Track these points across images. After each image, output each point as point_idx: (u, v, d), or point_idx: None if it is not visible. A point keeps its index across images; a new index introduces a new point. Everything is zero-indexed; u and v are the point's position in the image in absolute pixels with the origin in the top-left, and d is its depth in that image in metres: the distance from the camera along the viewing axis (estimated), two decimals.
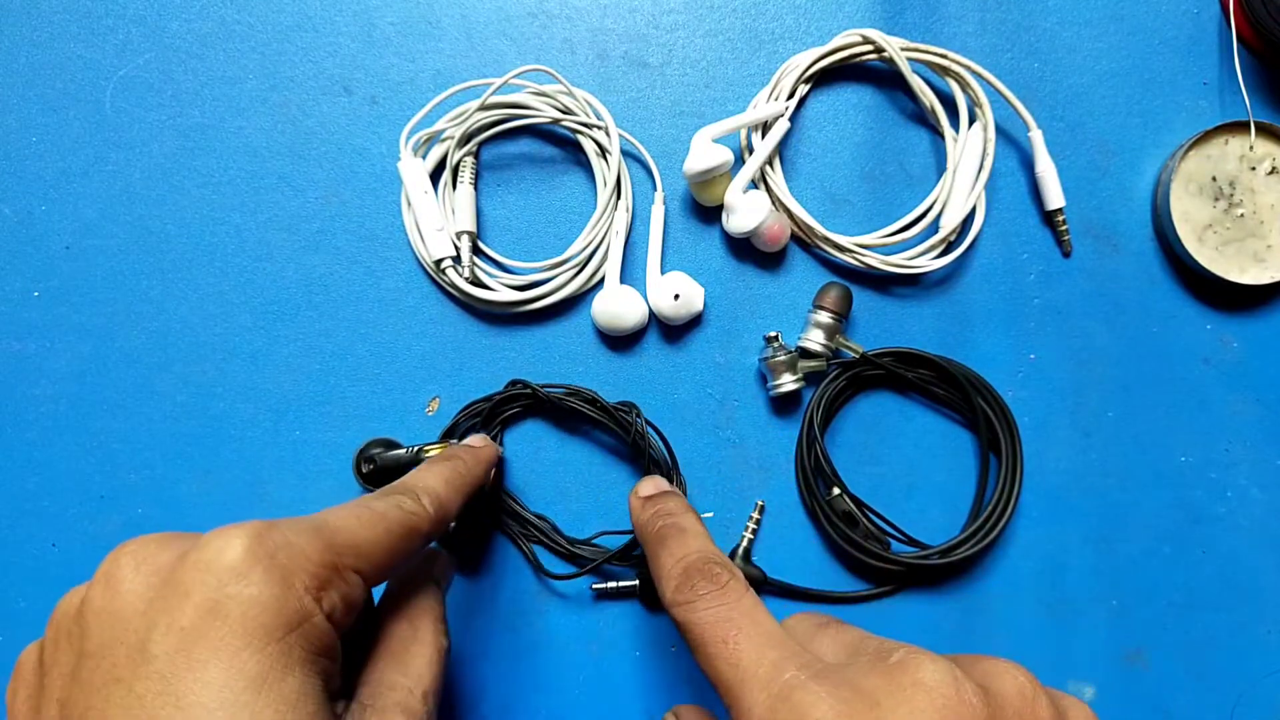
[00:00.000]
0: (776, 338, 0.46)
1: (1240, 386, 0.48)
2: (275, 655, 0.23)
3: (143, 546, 0.25)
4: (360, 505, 0.29)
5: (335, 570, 0.26)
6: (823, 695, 0.25)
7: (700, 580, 0.30)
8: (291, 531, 0.26)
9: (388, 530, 0.29)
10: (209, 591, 0.23)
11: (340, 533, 0.27)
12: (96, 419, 0.48)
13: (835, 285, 0.46)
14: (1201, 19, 0.49)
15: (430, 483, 0.33)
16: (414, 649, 0.30)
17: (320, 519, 0.27)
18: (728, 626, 0.28)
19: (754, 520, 0.46)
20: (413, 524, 0.30)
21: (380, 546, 0.28)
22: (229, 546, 0.24)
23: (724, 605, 0.29)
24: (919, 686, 0.24)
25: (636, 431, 0.43)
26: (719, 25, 0.49)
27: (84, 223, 0.49)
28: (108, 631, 0.23)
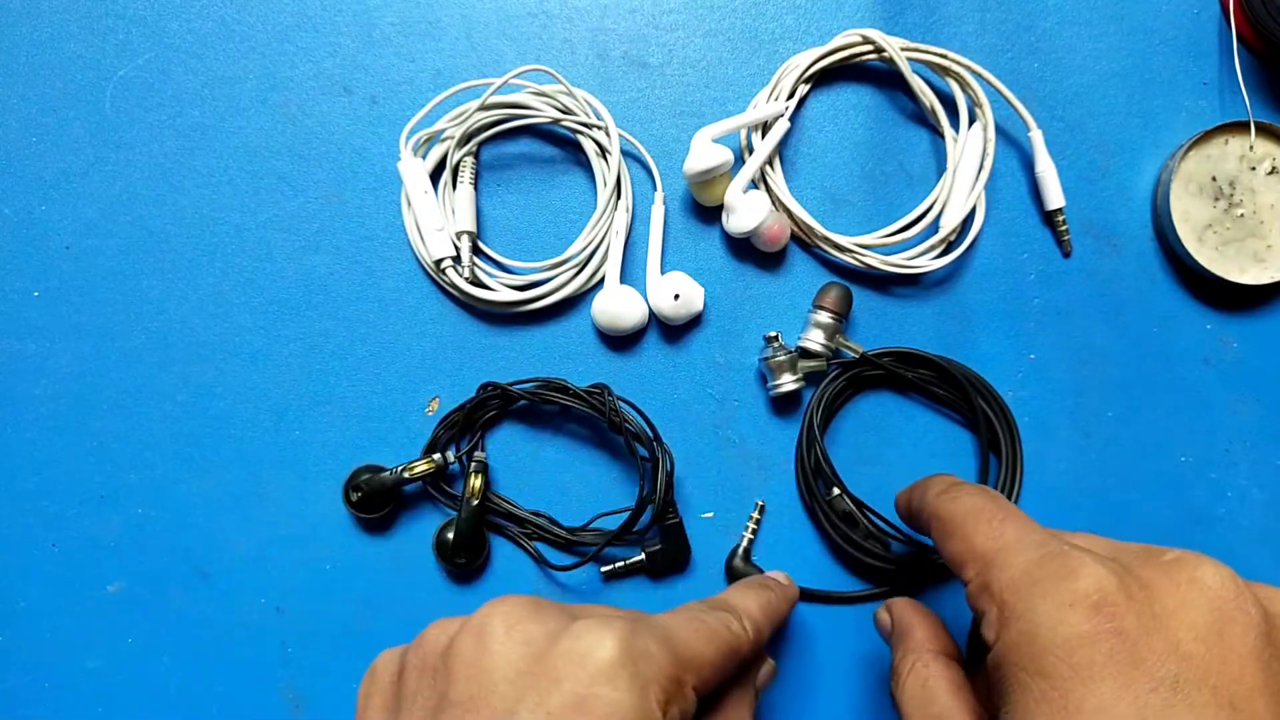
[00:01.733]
0: (776, 338, 0.46)
1: (1240, 386, 0.48)
2: None
3: (517, 609, 0.26)
4: (696, 619, 0.30)
5: (679, 685, 0.26)
6: (1092, 562, 0.25)
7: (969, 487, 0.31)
8: (650, 640, 0.26)
9: (719, 649, 0.29)
10: (579, 686, 0.24)
11: (684, 646, 0.28)
12: (96, 419, 0.48)
13: (835, 285, 0.46)
14: (1201, 19, 0.49)
15: (750, 608, 0.34)
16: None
17: (666, 627, 0.28)
18: (994, 510, 0.29)
19: (754, 520, 0.46)
20: (737, 645, 0.31)
21: (713, 665, 0.29)
22: (602, 646, 0.25)
23: (993, 499, 0.30)
24: (1196, 583, 0.24)
25: (610, 410, 0.43)
26: (719, 25, 0.49)
27: (84, 223, 0.49)
28: (475, 688, 0.25)
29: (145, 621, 0.47)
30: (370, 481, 0.45)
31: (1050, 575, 0.25)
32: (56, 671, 0.47)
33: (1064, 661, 0.24)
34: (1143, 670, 0.23)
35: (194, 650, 0.47)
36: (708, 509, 0.47)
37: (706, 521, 0.47)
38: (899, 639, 0.34)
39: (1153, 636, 0.23)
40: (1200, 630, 0.23)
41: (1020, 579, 0.26)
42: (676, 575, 0.46)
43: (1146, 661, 0.23)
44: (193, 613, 0.47)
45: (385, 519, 0.47)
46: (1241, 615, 0.24)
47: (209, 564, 0.47)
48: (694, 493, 0.47)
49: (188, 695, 0.46)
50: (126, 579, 0.47)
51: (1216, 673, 0.23)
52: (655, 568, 0.45)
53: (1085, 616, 0.24)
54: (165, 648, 0.47)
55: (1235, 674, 0.23)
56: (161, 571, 0.47)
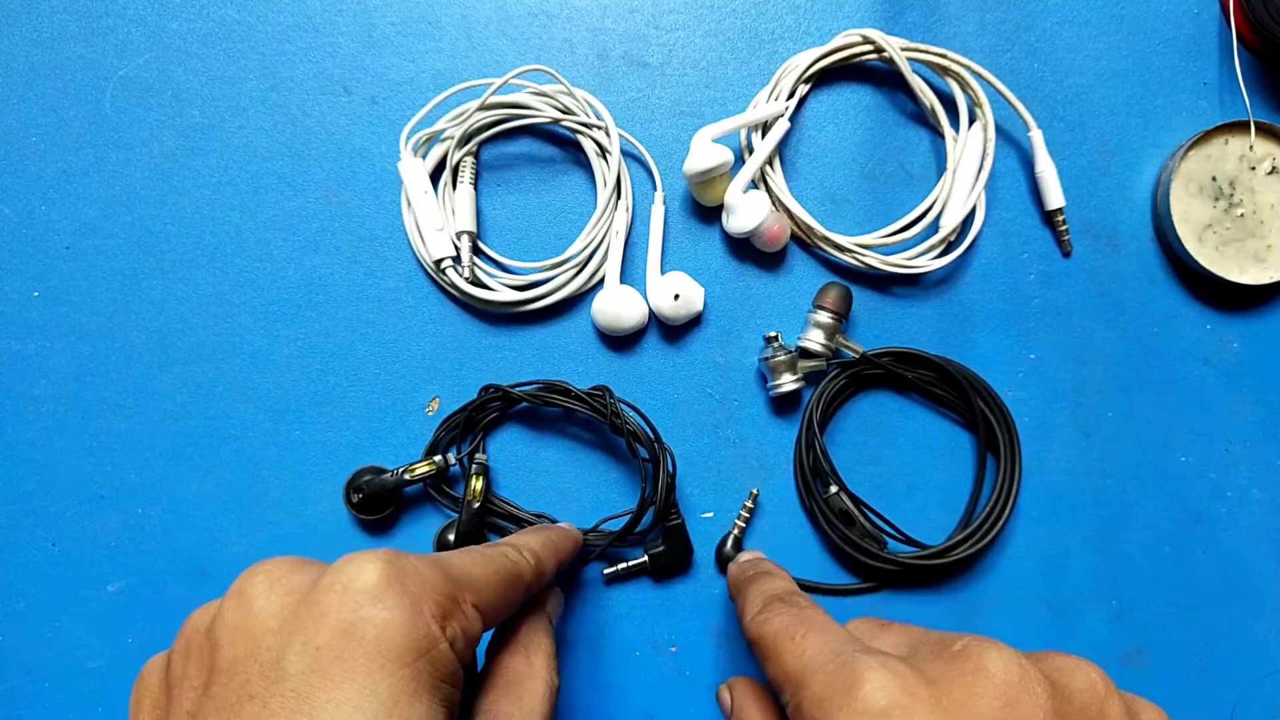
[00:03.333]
0: (776, 338, 0.46)
1: (1240, 386, 0.48)
2: (406, 679, 0.23)
3: (276, 567, 0.26)
4: (471, 550, 0.31)
5: (456, 602, 0.26)
6: (877, 666, 0.25)
7: (779, 604, 0.32)
8: (418, 562, 0.26)
9: (496, 572, 0.30)
10: (345, 613, 0.23)
11: (457, 568, 0.28)
12: (96, 419, 0.48)
13: (835, 285, 0.46)
14: (1201, 19, 0.49)
15: (530, 542, 0.35)
16: (528, 683, 0.31)
17: (437, 556, 0.28)
18: (797, 627, 0.30)
19: (746, 509, 0.46)
20: (517, 571, 0.32)
21: (492, 587, 0.29)
22: (364, 571, 0.25)
23: (797, 614, 0.31)
24: (981, 672, 0.24)
25: (612, 412, 0.43)
26: (719, 25, 0.49)
27: (84, 223, 0.49)
28: (241, 648, 0.24)
29: (145, 621, 0.47)
30: (371, 483, 0.45)
31: (840, 688, 0.25)
32: (56, 671, 0.47)
33: None
34: None
35: None
36: (708, 509, 0.47)
37: (707, 521, 0.47)
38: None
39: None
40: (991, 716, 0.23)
41: (819, 696, 0.26)
42: (679, 576, 0.46)
43: None
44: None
45: (386, 520, 0.47)
46: (1029, 698, 0.24)
47: (209, 564, 0.47)
48: (694, 493, 0.47)
49: None
50: (126, 579, 0.47)
51: None
52: (658, 569, 0.45)
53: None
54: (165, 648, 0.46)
55: None
56: (161, 571, 0.47)
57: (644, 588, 0.46)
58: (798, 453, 0.46)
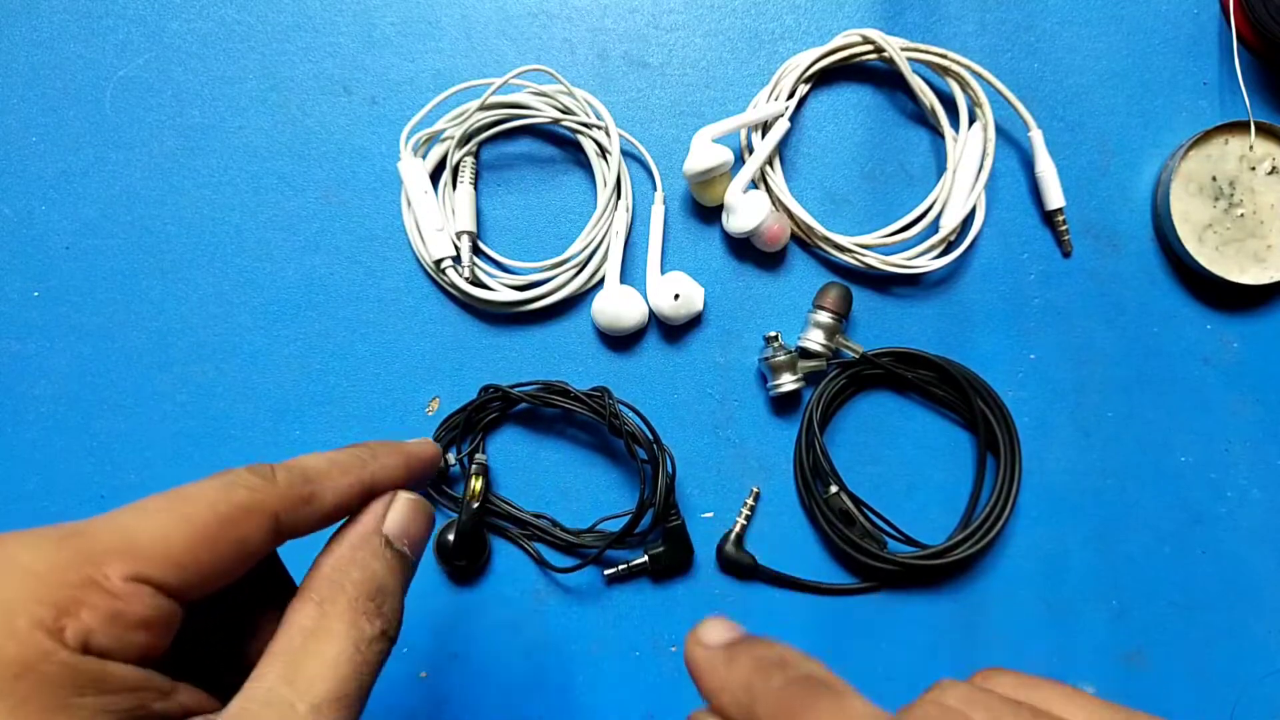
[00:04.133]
0: (776, 338, 0.46)
1: (1240, 386, 0.48)
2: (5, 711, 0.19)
3: None
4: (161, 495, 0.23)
5: (90, 586, 0.20)
6: None
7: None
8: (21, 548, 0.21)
9: (190, 517, 0.22)
10: None
11: (105, 536, 0.22)
12: (96, 419, 0.48)
13: (835, 285, 0.46)
14: (1201, 19, 0.49)
15: (302, 459, 0.26)
16: (313, 644, 0.23)
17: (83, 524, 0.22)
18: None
19: (748, 506, 0.46)
20: (238, 499, 0.23)
21: (178, 540, 0.22)
22: None
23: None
24: None
25: (611, 413, 0.43)
26: (719, 25, 0.49)
27: (84, 223, 0.49)
28: None
29: None
30: None
31: None
32: None
33: None
34: None
35: None
36: (708, 509, 0.47)
37: (707, 521, 0.47)
38: None
39: None
40: None
41: None
42: (679, 576, 0.46)
43: None
44: None
45: None
46: None
47: None
48: (694, 493, 0.47)
49: None
50: None
51: None
52: (658, 569, 0.45)
53: None
54: None
55: None
56: None
57: (644, 588, 0.46)
58: (798, 453, 0.46)
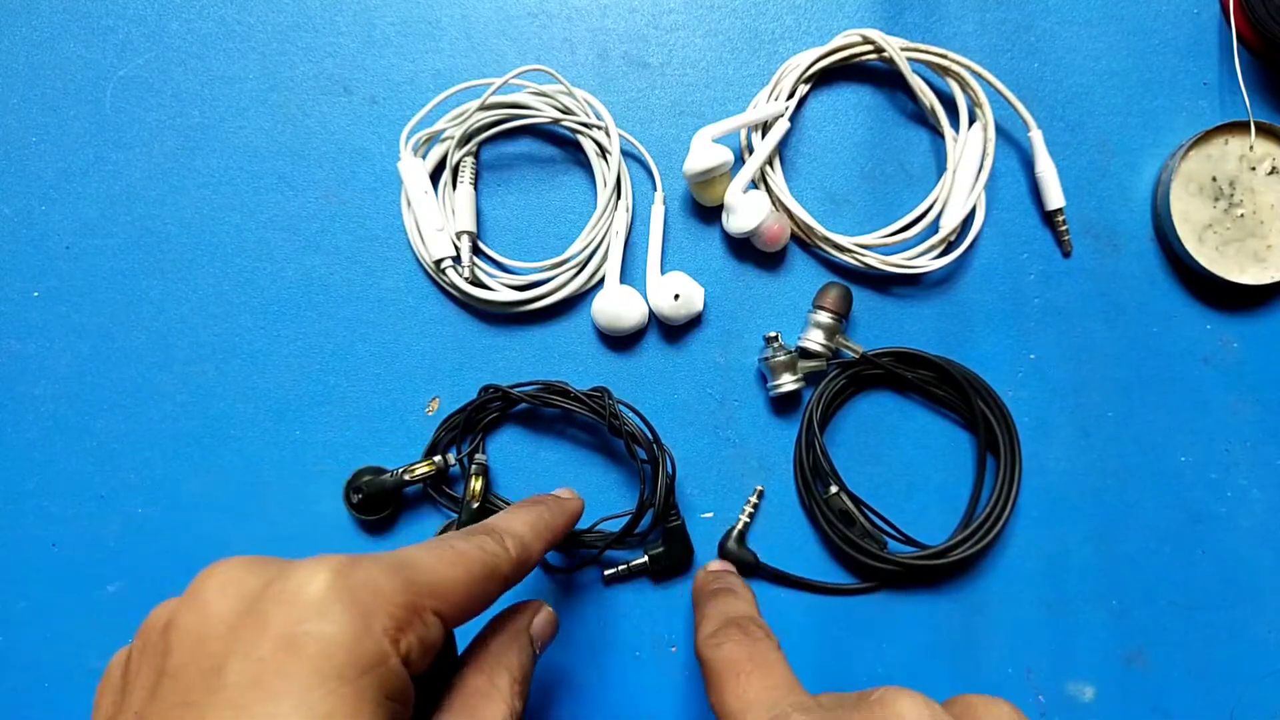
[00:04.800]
0: (776, 338, 0.46)
1: (1240, 386, 0.48)
2: (346, 696, 0.22)
3: (232, 568, 0.25)
4: (442, 544, 0.29)
5: (415, 611, 0.25)
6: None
7: (734, 629, 0.32)
8: (374, 569, 0.25)
9: (468, 571, 0.28)
10: (288, 625, 0.23)
11: (422, 572, 0.26)
12: (96, 419, 0.48)
13: (835, 285, 0.46)
14: (1201, 19, 0.49)
15: (514, 526, 0.33)
16: (485, 705, 0.29)
17: (402, 556, 0.27)
18: (745, 663, 0.30)
19: (751, 504, 0.46)
20: (494, 565, 0.29)
21: (460, 587, 0.27)
22: (312, 580, 0.24)
23: (747, 646, 0.31)
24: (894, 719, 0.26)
25: (610, 414, 0.43)
26: (719, 25, 0.49)
27: (84, 223, 0.49)
28: (188, 652, 0.23)
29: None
30: (371, 483, 0.45)
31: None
32: (56, 671, 0.47)
33: None
34: None
35: None
36: (708, 509, 0.47)
37: (707, 522, 0.47)
38: None
39: None
40: None
41: None
42: (679, 577, 0.46)
43: None
44: None
45: (386, 520, 0.47)
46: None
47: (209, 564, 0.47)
48: (694, 493, 0.47)
49: None
50: (126, 579, 0.47)
51: None
52: (658, 570, 0.45)
53: None
54: None
55: None
56: (161, 571, 0.47)
57: (644, 588, 0.46)
58: (798, 453, 0.47)
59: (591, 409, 0.44)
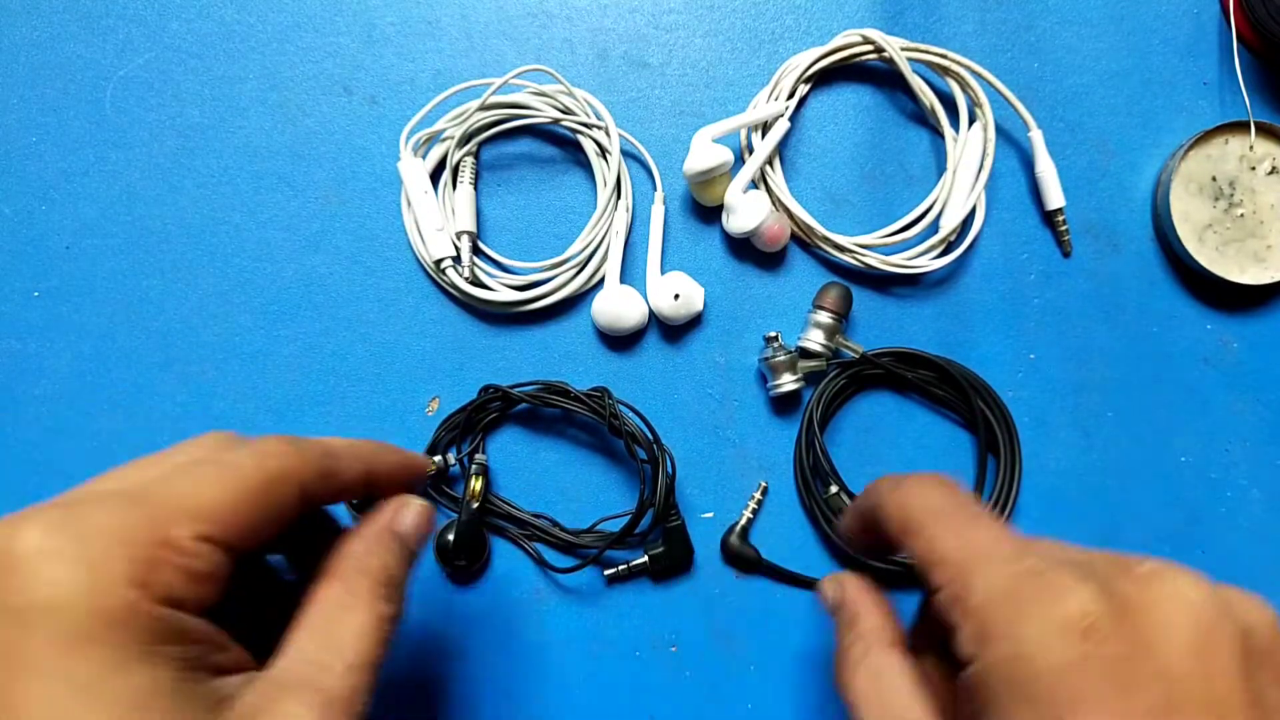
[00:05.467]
0: (776, 338, 0.46)
1: (1240, 386, 0.48)
2: (101, 657, 0.21)
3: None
4: (205, 461, 0.26)
5: (164, 545, 0.22)
6: (1076, 583, 0.24)
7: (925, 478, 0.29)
8: (99, 512, 0.23)
9: (238, 484, 0.25)
10: (14, 598, 0.21)
11: (170, 500, 0.24)
12: (96, 419, 0.48)
13: (835, 285, 0.46)
14: (1201, 19, 0.49)
15: (325, 440, 0.29)
16: (342, 617, 0.26)
17: (146, 489, 0.24)
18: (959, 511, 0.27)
19: (755, 500, 0.46)
20: (277, 471, 0.26)
21: (229, 504, 0.24)
22: (20, 538, 0.21)
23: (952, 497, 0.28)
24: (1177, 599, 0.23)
25: (610, 413, 0.43)
26: (719, 25, 0.49)
27: (84, 223, 0.49)
28: None
29: None
30: None
31: (1034, 596, 0.24)
32: None
33: (1053, 689, 0.23)
34: (1135, 697, 0.22)
35: None
36: (708, 509, 0.47)
37: (707, 522, 0.47)
38: (847, 623, 0.31)
39: (1142, 660, 0.23)
40: (1186, 649, 0.23)
41: (1000, 597, 0.24)
42: (679, 576, 0.46)
43: (1138, 687, 0.22)
44: None
45: None
46: (1223, 631, 0.23)
47: None
48: (694, 493, 0.47)
49: None
50: None
51: (1204, 691, 0.23)
52: (658, 569, 0.45)
53: (1075, 642, 0.23)
54: None
55: (1223, 691, 0.23)
56: None
57: (644, 588, 0.46)
58: (798, 452, 0.47)
59: (591, 409, 0.44)
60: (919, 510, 0.28)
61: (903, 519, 0.29)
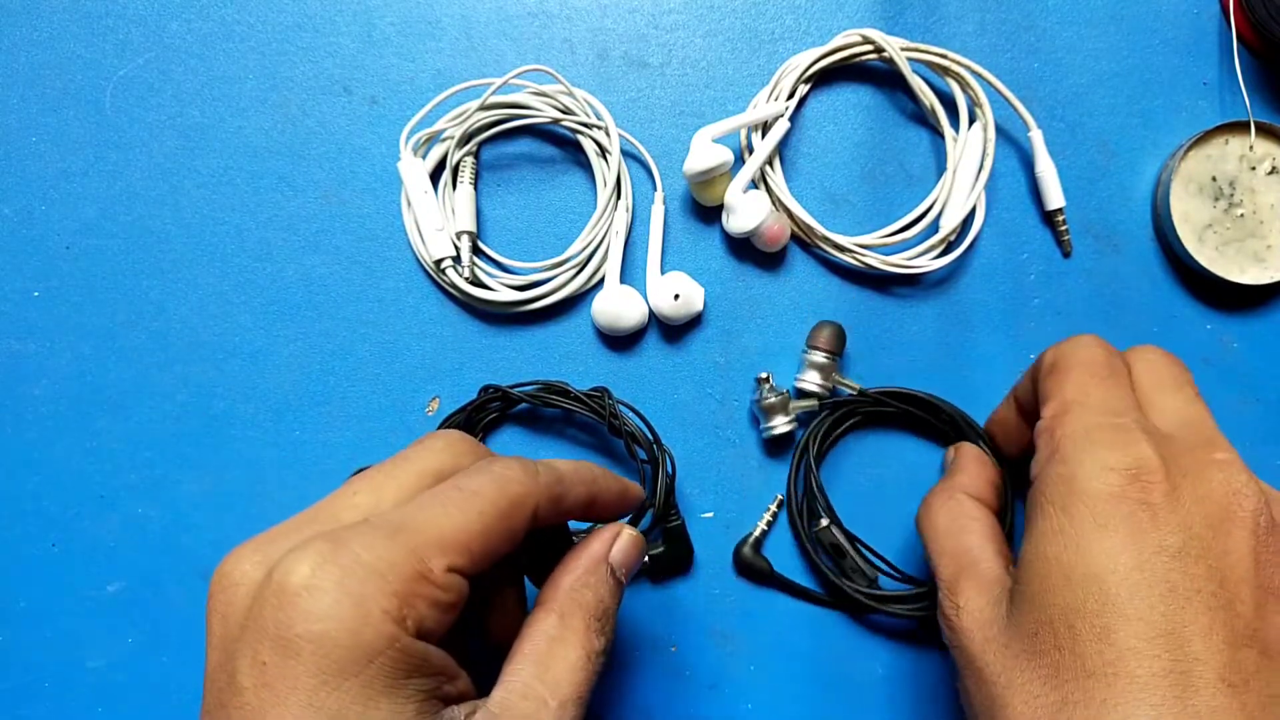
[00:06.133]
0: (768, 379, 0.45)
1: (1240, 386, 0.47)
2: (354, 690, 0.22)
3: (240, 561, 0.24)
4: (450, 487, 0.26)
5: (421, 579, 0.23)
6: (1144, 442, 0.29)
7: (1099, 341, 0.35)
8: (364, 545, 0.23)
9: (481, 512, 0.25)
10: (281, 629, 0.22)
11: (424, 531, 0.24)
12: (96, 419, 0.48)
13: (828, 324, 0.45)
14: (1201, 19, 0.49)
15: (554, 463, 0.30)
16: (557, 649, 0.27)
17: (401, 519, 0.25)
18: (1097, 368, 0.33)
19: (771, 513, 0.46)
20: (515, 496, 0.26)
21: (476, 532, 0.25)
22: (294, 574, 0.22)
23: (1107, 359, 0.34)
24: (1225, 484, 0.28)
25: (610, 414, 0.43)
26: (719, 25, 0.49)
27: (84, 223, 0.49)
28: (215, 655, 0.24)
29: (145, 621, 0.47)
30: None
31: (1105, 441, 0.29)
32: (56, 671, 0.47)
33: (1088, 508, 0.28)
34: (1153, 536, 0.27)
35: (194, 650, 0.47)
36: (708, 509, 0.47)
37: (707, 521, 0.47)
38: (948, 474, 0.38)
39: (1171, 513, 0.27)
40: (1212, 519, 0.27)
41: (1079, 433, 0.30)
42: (679, 576, 0.46)
43: (1159, 529, 0.27)
44: (193, 613, 0.47)
45: None
46: (1254, 517, 0.28)
47: (209, 564, 0.47)
48: (694, 493, 0.47)
49: (188, 695, 0.46)
50: (126, 579, 0.47)
51: (1215, 554, 0.27)
52: (658, 570, 0.45)
53: (1120, 481, 0.28)
54: (165, 648, 0.47)
55: (1232, 561, 0.27)
56: (161, 571, 0.47)
57: (644, 588, 0.46)
58: (790, 483, 0.46)
59: (591, 409, 0.44)
60: (1065, 357, 0.33)
61: (1051, 362, 0.34)
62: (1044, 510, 0.29)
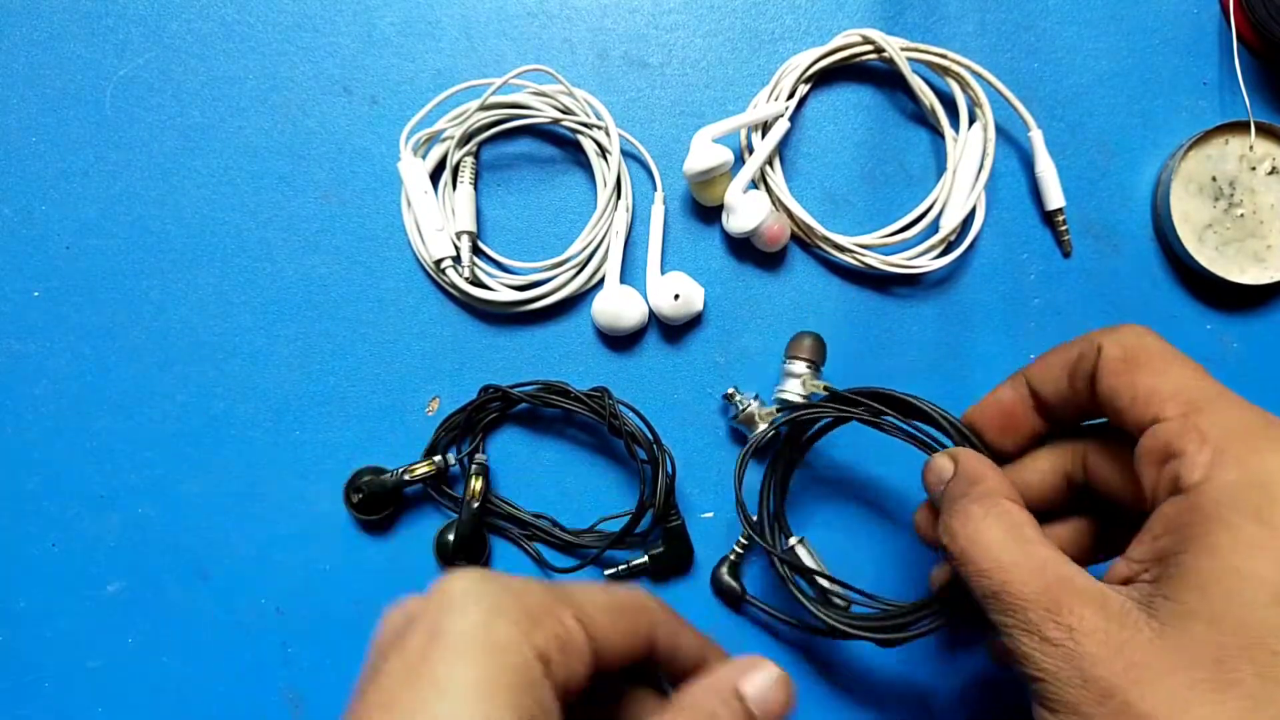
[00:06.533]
0: (734, 393, 0.45)
1: (1240, 386, 0.47)
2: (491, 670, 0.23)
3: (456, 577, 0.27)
4: (591, 583, 0.29)
5: (548, 611, 0.25)
6: None
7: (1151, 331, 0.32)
8: (517, 580, 0.26)
9: (611, 596, 0.27)
10: (430, 623, 0.24)
11: (568, 588, 0.27)
12: (96, 419, 0.48)
13: (808, 334, 0.45)
14: (1201, 19, 0.49)
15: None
16: None
17: (552, 580, 0.29)
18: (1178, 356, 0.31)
19: (745, 536, 0.45)
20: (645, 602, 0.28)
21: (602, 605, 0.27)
22: (457, 579, 0.26)
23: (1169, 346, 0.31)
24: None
25: (610, 413, 0.43)
26: (719, 25, 0.49)
27: (84, 223, 0.49)
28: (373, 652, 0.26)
29: (145, 621, 0.47)
30: (371, 483, 0.45)
31: (1277, 436, 0.27)
32: (56, 671, 0.47)
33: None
34: None
35: (194, 650, 0.47)
36: (708, 509, 0.47)
37: (706, 521, 0.47)
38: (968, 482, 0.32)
39: None
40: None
41: (1241, 429, 0.28)
42: (679, 576, 0.46)
43: None
44: (193, 613, 0.47)
45: (386, 520, 0.47)
46: None
47: (209, 564, 0.47)
48: (694, 492, 0.47)
49: (188, 695, 0.46)
50: (126, 579, 0.47)
51: None
52: (658, 570, 0.45)
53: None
54: (165, 648, 0.47)
55: None
56: (161, 571, 0.47)
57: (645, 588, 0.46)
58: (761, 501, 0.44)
59: (591, 409, 0.44)
60: (1144, 349, 0.30)
61: (1127, 355, 0.31)
62: (1227, 523, 0.25)
